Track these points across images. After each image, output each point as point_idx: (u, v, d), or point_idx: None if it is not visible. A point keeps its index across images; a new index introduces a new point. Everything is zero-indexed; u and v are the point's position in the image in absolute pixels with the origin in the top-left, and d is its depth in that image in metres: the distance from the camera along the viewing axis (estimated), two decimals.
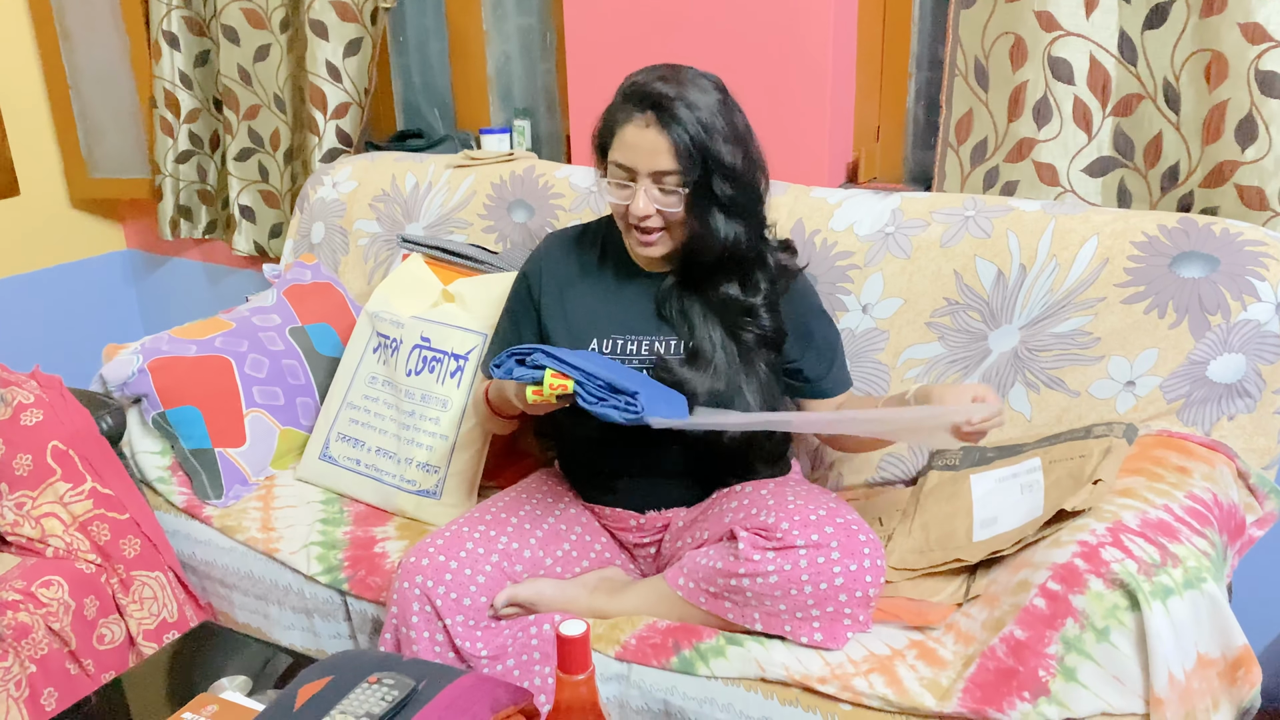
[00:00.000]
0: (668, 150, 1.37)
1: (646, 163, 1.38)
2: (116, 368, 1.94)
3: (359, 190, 2.35)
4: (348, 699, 1.09)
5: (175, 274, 3.19)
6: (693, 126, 1.36)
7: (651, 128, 1.37)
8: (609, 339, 1.54)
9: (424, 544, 1.48)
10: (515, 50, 2.58)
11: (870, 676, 1.31)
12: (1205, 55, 1.61)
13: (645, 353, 1.52)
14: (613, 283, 1.57)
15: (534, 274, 1.62)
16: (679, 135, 1.36)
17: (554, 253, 1.62)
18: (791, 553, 1.34)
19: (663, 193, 1.40)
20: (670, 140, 1.36)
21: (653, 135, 1.37)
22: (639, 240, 1.46)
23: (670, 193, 1.40)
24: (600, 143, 1.46)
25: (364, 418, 1.91)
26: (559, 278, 1.60)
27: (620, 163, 1.41)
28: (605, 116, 1.45)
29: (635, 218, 1.42)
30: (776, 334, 1.51)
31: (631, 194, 1.41)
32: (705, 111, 1.37)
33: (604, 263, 1.59)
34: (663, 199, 1.40)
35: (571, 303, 1.58)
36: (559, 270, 1.60)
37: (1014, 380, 1.65)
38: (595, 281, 1.58)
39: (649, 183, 1.40)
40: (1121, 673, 1.18)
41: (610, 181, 1.44)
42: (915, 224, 1.76)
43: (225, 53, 2.61)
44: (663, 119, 1.36)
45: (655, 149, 1.37)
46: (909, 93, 2.12)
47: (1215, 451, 1.46)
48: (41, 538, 1.74)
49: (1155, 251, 1.57)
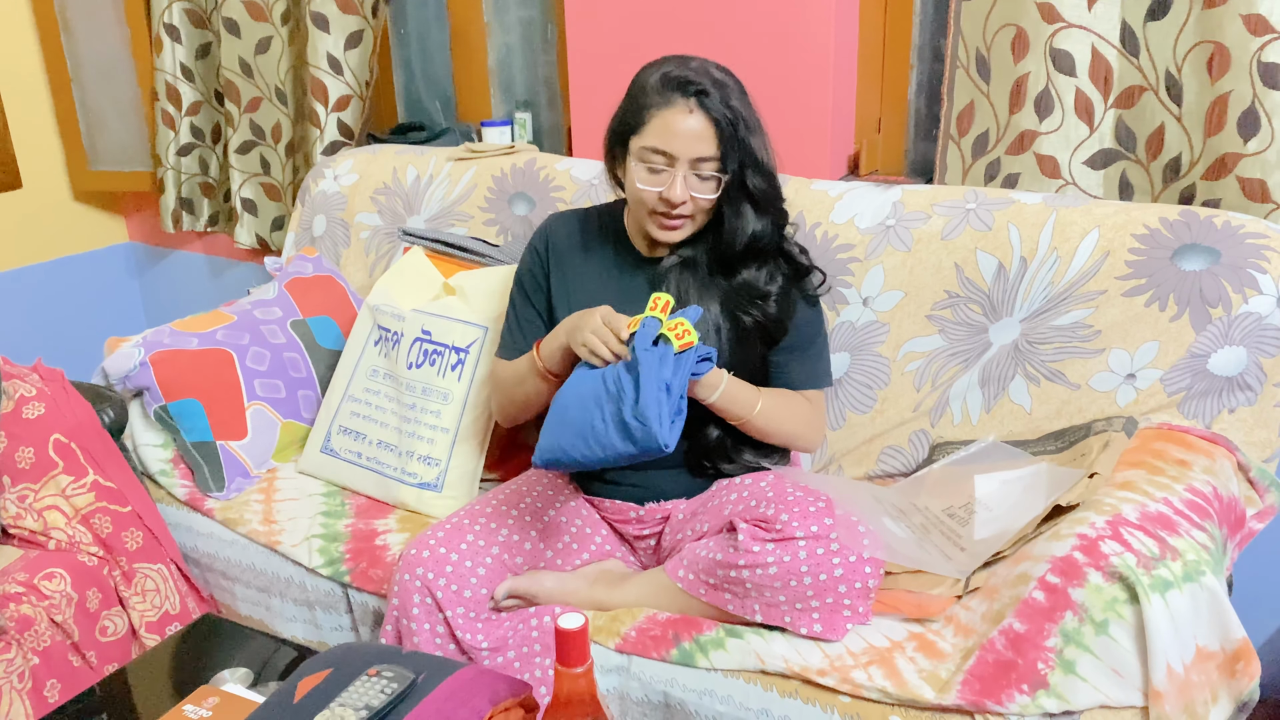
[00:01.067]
0: (712, 137, 1.40)
1: (688, 149, 1.40)
2: (118, 360, 1.95)
3: (360, 183, 2.35)
4: (347, 691, 1.10)
5: (177, 267, 3.20)
6: (733, 117, 1.40)
7: (695, 114, 1.39)
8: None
9: (425, 536, 1.48)
10: (516, 43, 2.57)
11: (869, 668, 1.31)
12: (1208, 47, 1.61)
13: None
14: (615, 267, 1.59)
15: (541, 248, 1.63)
16: (724, 123, 1.39)
17: (559, 231, 1.63)
18: (791, 544, 1.35)
19: (699, 179, 1.42)
20: (715, 128, 1.40)
21: (697, 121, 1.40)
22: (663, 225, 1.47)
23: (707, 179, 1.42)
24: (623, 129, 1.46)
25: (365, 410, 1.91)
26: (562, 255, 1.61)
27: (657, 148, 1.41)
28: (633, 103, 1.45)
29: (670, 204, 1.43)
30: (777, 326, 1.51)
31: (668, 179, 1.42)
32: (739, 105, 1.41)
33: (606, 246, 1.60)
34: (699, 185, 1.42)
35: (574, 283, 1.59)
36: (561, 249, 1.62)
37: (1014, 373, 1.65)
38: (597, 264, 1.59)
39: (687, 168, 1.41)
40: (1120, 665, 1.18)
41: (643, 166, 1.43)
42: (916, 216, 1.76)
43: (226, 45, 2.61)
44: (706, 106, 1.39)
45: (699, 135, 1.40)
46: (910, 85, 2.11)
47: (1216, 445, 1.46)
48: (44, 530, 1.75)
49: (1156, 244, 1.56)
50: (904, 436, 1.72)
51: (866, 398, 1.75)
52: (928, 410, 1.71)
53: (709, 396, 1.45)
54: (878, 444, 1.74)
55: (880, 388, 1.74)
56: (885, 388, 1.74)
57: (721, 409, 1.47)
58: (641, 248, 1.57)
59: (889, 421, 1.73)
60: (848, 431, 1.75)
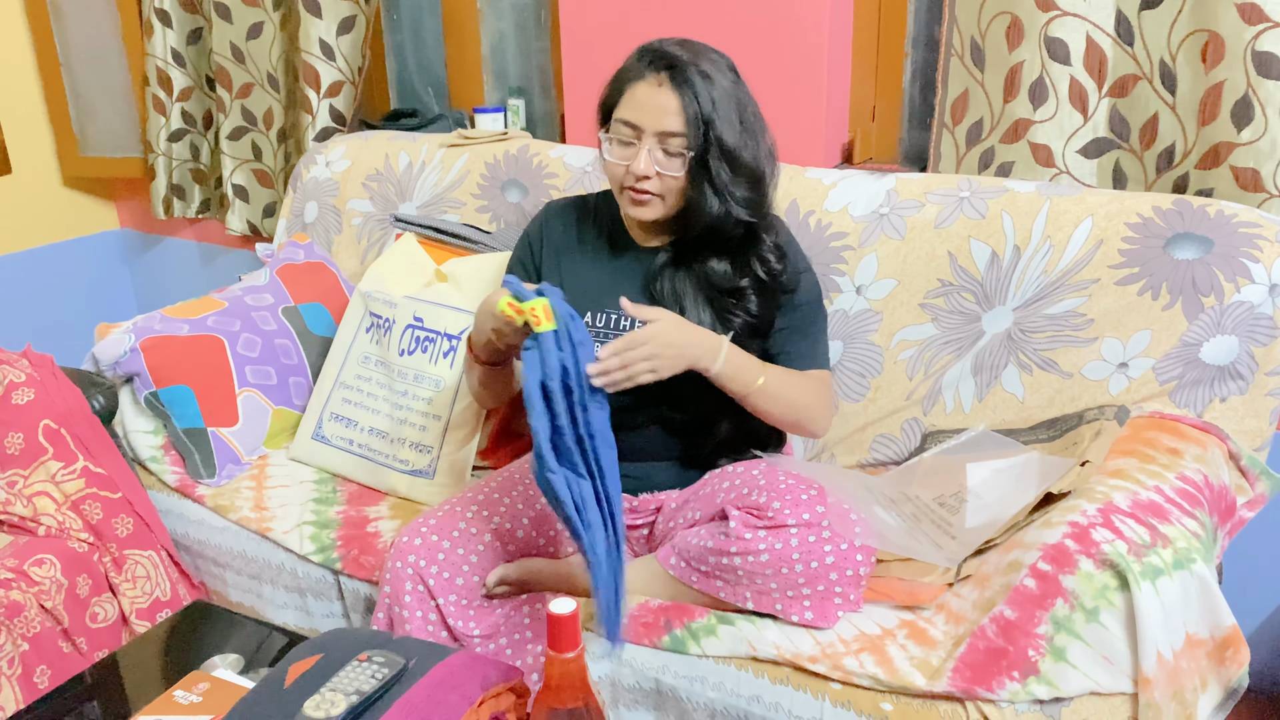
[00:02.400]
0: (677, 112, 1.38)
1: (654, 122, 1.39)
2: (108, 346, 1.94)
3: (352, 169, 2.34)
4: (338, 676, 1.09)
5: (168, 253, 3.18)
6: (704, 96, 1.37)
7: (664, 87, 1.38)
8: (602, 312, 1.54)
9: (417, 524, 1.47)
10: (510, 29, 2.56)
11: (861, 656, 1.31)
12: (1202, 36, 1.60)
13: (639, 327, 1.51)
14: (607, 255, 1.58)
15: (535, 238, 1.62)
16: (689, 100, 1.37)
17: (553, 220, 1.63)
18: (783, 531, 1.35)
19: (665, 155, 1.40)
20: (680, 102, 1.38)
21: (665, 95, 1.38)
22: (632, 200, 1.45)
23: (673, 155, 1.40)
24: (607, 102, 1.46)
25: (357, 397, 1.91)
26: (556, 245, 1.60)
27: (627, 120, 1.41)
28: (616, 76, 1.45)
29: (634, 176, 1.41)
30: (763, 322, 1.49)
31: (634, 153, 1.41)
32: (718, 89, 1.39)
33: (600, 235, 1.59)
34: (664, 161, 1.41)
35: (567, 272, 1.58)
36: (557, 238, 1.61)
37: (1007, 361, 1.65)
38: (590, 252, 1.59)
39: (654, 142, 1.40)
40: (1110, 652, 1.18)
41: (613, 139, 1.43)
42: (910, 205, 1.76)
43: (218, 30, 2.59)
44: (676, 81, 1.38)
45: (665, 109, 1.38)
46: (905, 73, 2.11)
47: (1207, 433, 1.46)
48: (33, 516, 1.74)
49: (1150, 233, 1.56)
50: (896, 425, 1.72)
51: (859, 386, 1.75)
52: (920, 399, 1.71)
53: (709, 364, 1.39)
54: (870, 432, 1.74)
55: (873, 376, 1.74)
56: (878, 376, 1.74)
57: (725, 380, 1.41)
58: (636, 236, 1.57)
59: (881, 410, 1.73)
60: (840, 419, 1.75)
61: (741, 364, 1.43)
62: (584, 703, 1.01)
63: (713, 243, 1.47)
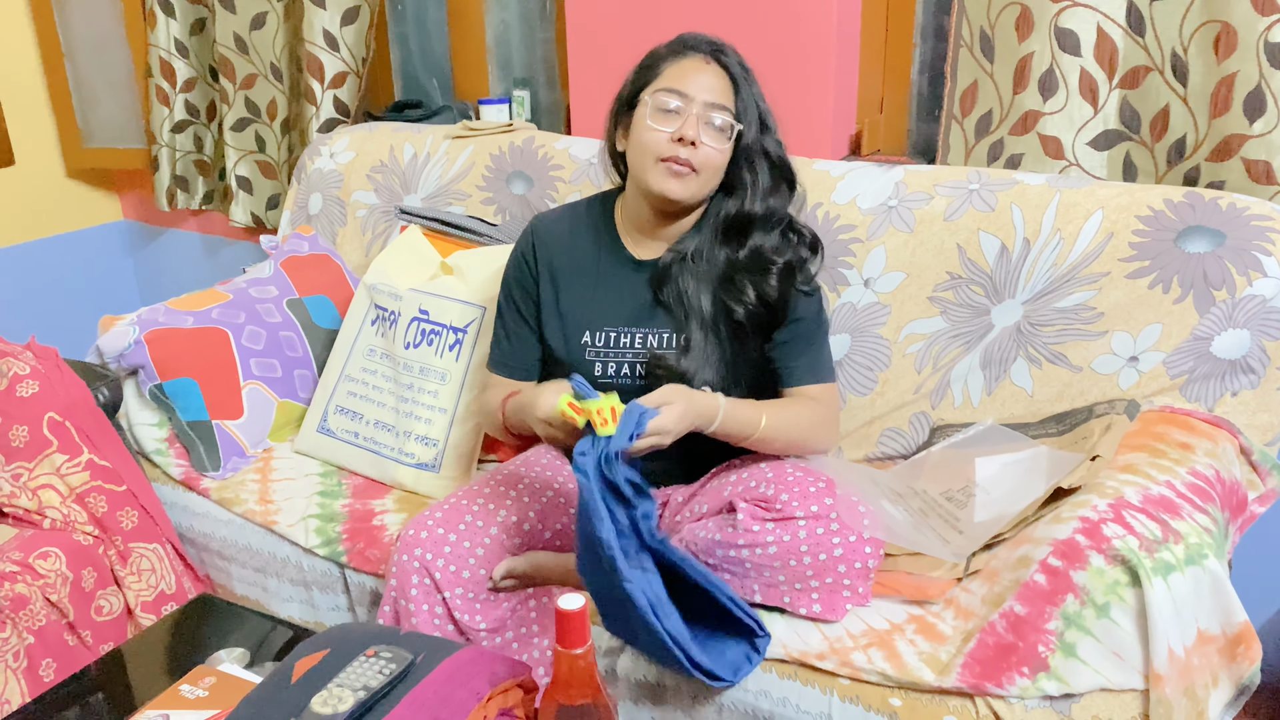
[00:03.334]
0: (728, 89, 1.41)
1: (704, 90, 1.39)
2: (113, 339, 1.93)
3: (356, 161, 2.33)
4: (345, 672, 1.09)
5: (172, 245, 3.18)
6: (746, 76, 1.42)
7: (712, 65, 1.41)
8: (602, 331, 1.51)
9: (422, 517, 1.47)
10: (515, 19, 2.55)
11: (869, 651, 1.31)
12: (1214, 26, 1.59)
13: (639, 345, 1.49)
14: (606, 272, 1.53)
15: (528, 258, 1.56)
16: (740, 80, 1.41)
17: (543, 237, 1.56)
18: (791, 524, 1.34)
19: (713, 129, 1.40)
20: (731, 80, 1.41)
21: (713, 72, 1.41)
22: (671, 172, 1.40)
23: (720, 130, 1.41)
24: (636, 84, 1.45)
25: (362, 390, 1.90)
26: (551, 264, 1.55)
27: (672, 87, 1.40)
28: (643, 66, 1.45)
29: (681, 142, 1.38)
30: (773, 309, 1.45)
31: (680, 119, 1.39)
32: (754, 79, 1.43)
33: (597, 248, 1.54)
34: (713, 134, 1.40)
35: (564, 294, 1.53)
36: (550, 256, 1.55)
37: (1016, 355, 1.64)
38: (587, 271, 1.53)
39: (702, 109, 1.39)
40: (1121, 648, 1.17)
41: (656, 108, 1.40)
42: (918, 197, 1.74)
43: (221, 21, 2.58)
44: (722, 61, 1.41)
45: (714, 85, 1.40)
46: (913, 64, 2.09)
47: (1218, 428, 1.45)
48: (39, 509, 1.74)
49: (1161, 226, 1.55)
50: (904, 419, 1.71)
51: (867, 379, 1.74)
52: (928, 392, 1.70)
53: (707, 426, 1.36)
54: (878, 426, 1.73)
55: (881, 369, 1.73)
56: (886, 369, 1.73)
57: (724, 435, 1.39)
58: (635, 250, 1.52)
59: (889, 403, 1.72)
60: (848, 413, 1.74)
61: (740, 416, 1.40)
62: (593, 699, 1.00)
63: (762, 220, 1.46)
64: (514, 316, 1.58)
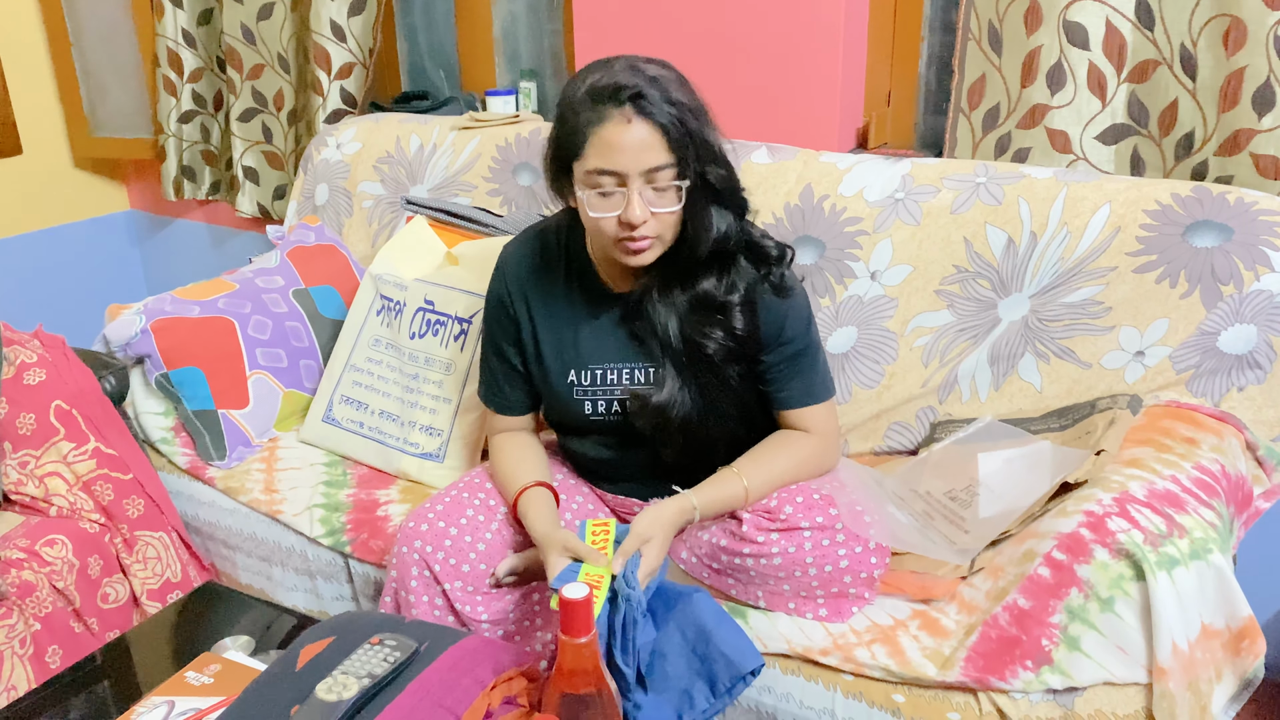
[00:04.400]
0: (659, 143, 1.24)
1: (636, 162, 1.24)
2: (119, 328, 1.94)
3: (363, 152, 2.33)
4: (350, 659, 1.09)
5: (179, 235, 3.18)
6: (678, 114, 1.24)
7: (634, 122, 1.23)
8: (587, 370, 1.46)
9: (423, 509, 1.46)
10: (521, 11, 2.54)
11: (873, 647, 1.31)
12: (1224, 20, 1.58)
13: (625, 381, 1.45)
14: (582, 308, 1.45)
15: (505, 301, 1.49)
16: (671, 125, 1.23)
17: (514, 272, 1.48)
18: (796, 534, 1.33)
19: (656, 192, 1.26)
20: (660, 131, 1.23)
21: (639, 130, 1.23)
22: (629, 250, 1.30)
23: (665, 190, 1.26)
24: (562, 155, 1.30)
25: (367, 380, 1.91)
26: (528, 304, 1.48)
27: (603, 169, 1.25)
28: (564, 125, 1.28)
29: (629, 225, 1.27)
30: (747, 338, 1.38)
31: (622, 201, 1.26)
32: (678, 94, 1.25)
33: (570, 282, 1.46)
34: (657, 199, 1.26)
35: (545, 337, 1.47)
36: (523, 293, 1.48)
37: (1024, 350, 1.63)
38: (564, 307, 1.46)
39: (641, 184, 1.25)
40: (1125, 642, 1.17)
41: (593, 192, 1.27)
42: (925, 190, 1.74)
43: (228, 11, 2.58)
44: (644, 109, 1.23)
45: (645, 144, 1.23)
46: (921, 57, 2.09)
47: (1224, 423, 1.45)
48: (45, 497, 1.75)
49: (1168, 220, 1.55)
50: (911, 413, 1.71)
51: (874, 373, 1.74)
52: (936, 387, 1.69)
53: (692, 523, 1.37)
54: (884, 420, 1.72)
55: (888, 363, 1.73)
56: (893, 363, 1.73)
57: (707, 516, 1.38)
58: (609, 279, 1.44)
59: (896, 398, 1.72)
60: (854, 407, 1.74)
61: (719, 498, 1.36)
62: (596, 688, 1.00)
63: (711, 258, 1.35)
64: (499, 361, 1.53)
